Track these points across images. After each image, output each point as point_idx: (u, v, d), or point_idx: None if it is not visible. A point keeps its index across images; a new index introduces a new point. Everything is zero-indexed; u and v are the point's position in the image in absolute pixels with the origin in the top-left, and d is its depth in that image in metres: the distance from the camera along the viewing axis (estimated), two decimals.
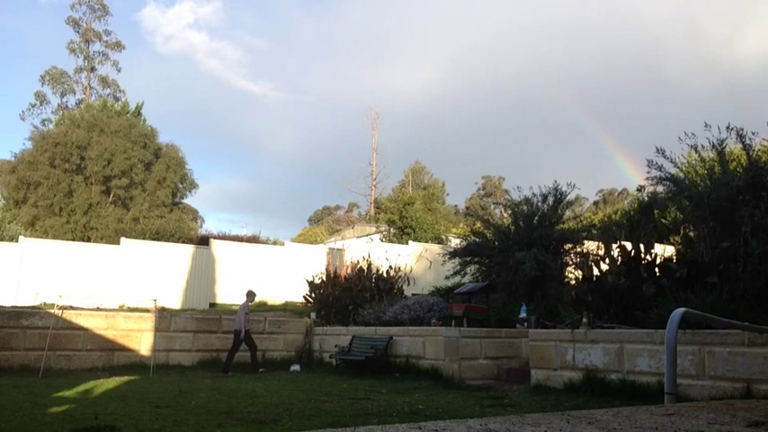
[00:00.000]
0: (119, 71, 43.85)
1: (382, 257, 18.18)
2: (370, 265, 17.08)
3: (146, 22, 78.88)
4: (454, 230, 30.57)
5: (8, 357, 12.56)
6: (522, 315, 12.51)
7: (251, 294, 14.60)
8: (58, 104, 43.06)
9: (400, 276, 17.04)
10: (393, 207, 30.84)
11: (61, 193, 28.44)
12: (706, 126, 9.99)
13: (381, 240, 28.55)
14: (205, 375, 12.64)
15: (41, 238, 23.03)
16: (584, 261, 11.45)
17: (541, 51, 73.19)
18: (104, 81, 43.35)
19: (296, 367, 14.43)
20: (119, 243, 20.49)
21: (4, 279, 17.98)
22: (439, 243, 25.46)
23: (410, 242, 24.82)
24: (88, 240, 26.42)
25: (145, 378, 11.83)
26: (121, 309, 15.79)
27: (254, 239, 28.73)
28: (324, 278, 16.99)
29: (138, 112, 36.02)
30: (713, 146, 10.06)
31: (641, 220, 22.09)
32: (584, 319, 9.59)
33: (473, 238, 16.93)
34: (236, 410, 7.71)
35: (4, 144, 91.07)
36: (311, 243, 33.04)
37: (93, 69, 43.65)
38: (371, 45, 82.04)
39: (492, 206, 49.70)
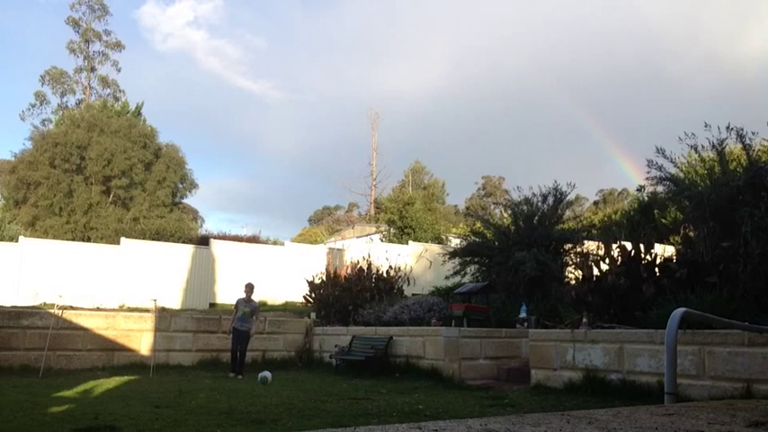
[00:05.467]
0: (119, 71, 43.88)
1: (382, 257, 18.18)
2: (370, 265, 17.08)
3: (145, 20, 78.93)
4: (454, 230, 30.57)
5: (8, 357, 12.56)
6: (522, 315, 12.52)
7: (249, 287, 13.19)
8: (58, 104, 43.08)
9: (400, 276, 17.04)
10: (393, 207, 30.84)
11: (61, 193, 28.43)
12: (706, 126, 10.00)
13: (381, 240, 28.56)
14: (205, 375, 12.64)
15: (41, 238, 23.02)
16: (584, 261, 11.45)
17: (541, 51, 73.26)
18: (104, 81, 43.35)
19: (266, 374, 11.50)
20: (119, 243, 20.49)
21: (4, 279, 17.98)
22: (439, 243, 25.47)
23: (410, 242, 24.83)
24: (88, 240, 26.41)
25: (145, 378, 11.83)
26: (121, 309, 15.80)
27: (254, 239, 28.75)
28: (324, 278, 16.99)
29: (138, 112, 36.02)
30: (713, 146, 10.06)
31: (641, 220, 22.12)
32: (585, 319, 9.59)
33: (473, 238, 16.94)
34: (236, 410, 7.71)
35: (4, 144, 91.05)
36: (311, 243, 33.06)
37: (93, 69, 43.65)
38: (372, 44, 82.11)
39: (492, 206, 49.67)
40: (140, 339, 13.96)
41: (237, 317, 12.89)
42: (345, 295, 16.04)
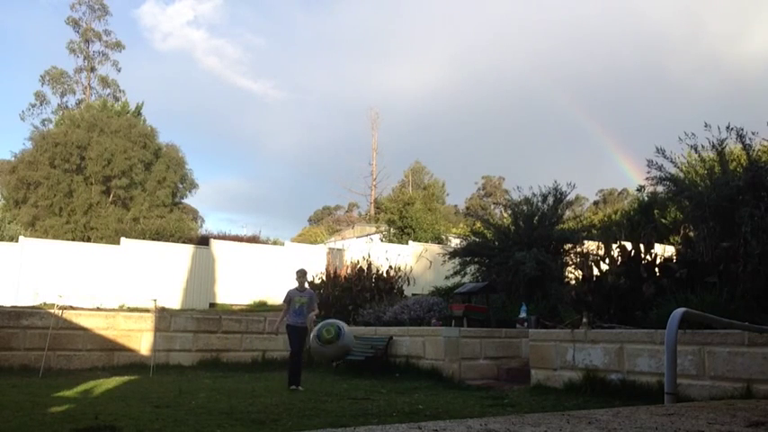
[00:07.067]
0: (119, 71, 43.92)
1: (382, 257, 18.19)
2: (370, 265, 17.08)
3: (144, 20, 78.93)
4: (454, 230, 30.57)
5: (8, 357, 12.55)
6: (522, 315, 12.51)
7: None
8: (58, 104, 43.11)
9: (400, 276, 17.04)
10: (393, 207, 30.84)
11: (61, 193, 28.44)
12: (706, 126, 10.01)
13: (381, 240, 28.55)
14: (205, 375, 12.64)
15: (41, 238, 23.03)
16: (584, 261, 11.44)
17: (542, 50, 73.25)
18: (104, 81, 43.36)
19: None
20: (119, 243, 20.50)
21: (4, 279, 17.98)
22: (439, 243, 25.46)
23: (410, 242, 24.83)
24: (88, 240, 26.41)
25: (145, 378, 11.82)
26: (121, 309, 15.80)
27: (254, 239, 28.75)
28: (324, 278, 16.99)
29: (138, 112, 36.05)
30: (713, 146, 10.06)
31: (641, 220, 22.11)
32: (585, 319, 9.59)
33: (473, 238, 16.93)
34: (236, 410, 7.71)
35: (4, 144, 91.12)
36: (311, 243, 33.05)
37: (93, 69, 43.66)
38: (372, 44, 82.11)
39: (492, 206, 49.71)
40: (140, 339, 13.95)
41: (293, 310, 10.48)
42: (345, 295, 16.04)
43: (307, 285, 11.14)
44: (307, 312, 10.48)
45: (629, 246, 10.64)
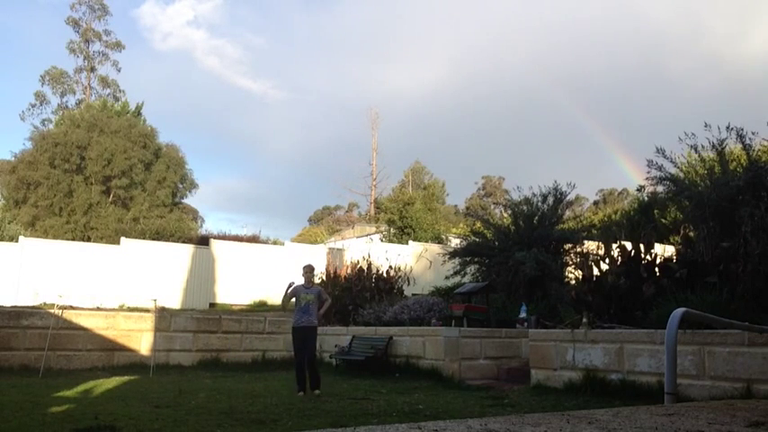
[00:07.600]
0: (119, 71, 43.93)
1: (382, 257, 18.18)
2: (370, 265, 17.08)
3: (144, 19, 78.93)
4: (454, 230, 30.56)
5: (8, 357, 12.56)
6: (522, 315, 12.51)
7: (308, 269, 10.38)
8: (58, 104, 43.11)
9: (400, 276, 17.04)
10: (393, 207, 30.84)
11: (61, 193, 28.43)
12: (706, 126, 10.01)
13: (381, 240, 28.56)
14: (205, 375, 12.64)
15: (41, 238, 23.01)
16: (584, 261, 11.45)
17: (542, 50, 73.23)
18: (104, 81, 43.36)
19: None
20: (119, 243, 20.50)
21: (4, 279, 17.98)
22: (439, 243, 25.46)
23: (410, 242, 24.83)
24: (88, 240, 26.41)
25: (145, 378, 11.83)
26: (121, 309, 15.80)
27: (254, 239, 28.75)
28: (324, 278, 16.98)
29: (137, 112, 36.05)
30: (713, 146, 10.06)
31: (641, 220, 22.11)
32: (585, 319, 9.59)
33: (473, 238, 16.93)
34: (236, 410, 7.71)
35: (4, 144, 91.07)
36: (311, 243, 33.05)
37: (93, 69, 43.66)
38: (372, 44, 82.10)
39: (492, 206, 49.70)
40: (140, 339, 13.96)
41: (298, 308, 9.95)
42: (345, 295, 16.03)
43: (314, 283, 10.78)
44: (313, 311, 9.99)
45: (629, 246, 10.64)
